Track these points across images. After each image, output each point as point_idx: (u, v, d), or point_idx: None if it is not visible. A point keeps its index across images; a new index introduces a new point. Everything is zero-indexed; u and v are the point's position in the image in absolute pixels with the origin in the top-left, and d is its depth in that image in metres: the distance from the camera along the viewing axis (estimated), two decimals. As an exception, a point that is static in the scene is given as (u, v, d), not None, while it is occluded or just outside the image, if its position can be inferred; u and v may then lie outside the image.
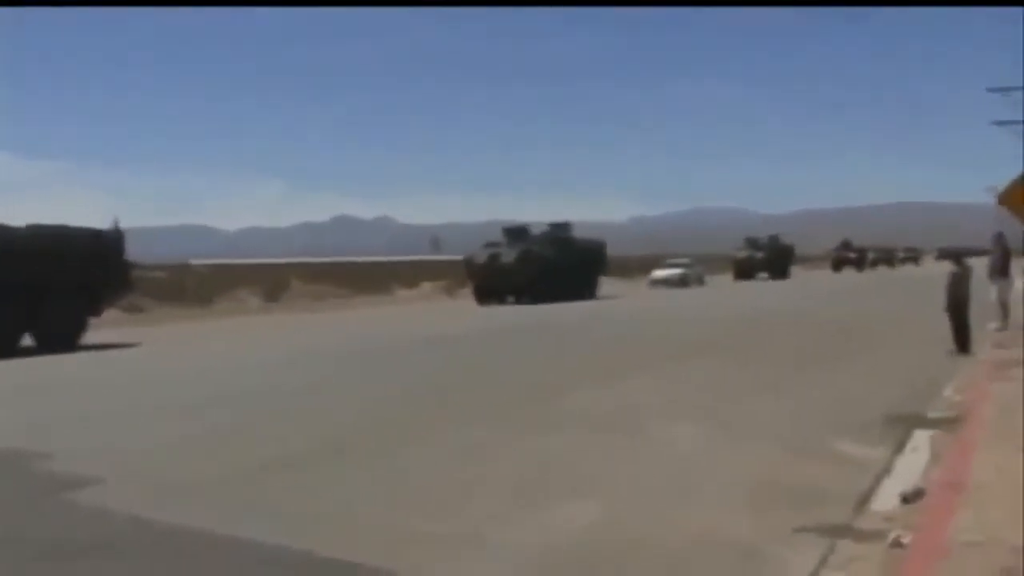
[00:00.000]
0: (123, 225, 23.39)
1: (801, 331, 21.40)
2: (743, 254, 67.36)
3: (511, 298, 37.93)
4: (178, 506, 6.88)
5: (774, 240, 70.08)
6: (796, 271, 75.66)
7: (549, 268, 38.01)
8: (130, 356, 19.92)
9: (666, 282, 52.06)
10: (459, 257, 49.84)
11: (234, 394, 13.02)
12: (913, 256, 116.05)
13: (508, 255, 37.92)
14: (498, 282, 37.96)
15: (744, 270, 65.42)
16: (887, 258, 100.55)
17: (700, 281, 54.56)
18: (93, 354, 20.06)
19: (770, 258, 66.83)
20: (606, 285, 49.26)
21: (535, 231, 41.39)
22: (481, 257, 38.74)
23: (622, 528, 6.24)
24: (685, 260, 59.35)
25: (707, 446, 8.84)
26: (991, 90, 40.67)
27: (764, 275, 64.79)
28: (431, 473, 7.96)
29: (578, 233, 43.09)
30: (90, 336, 22.20)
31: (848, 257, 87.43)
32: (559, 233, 41.49)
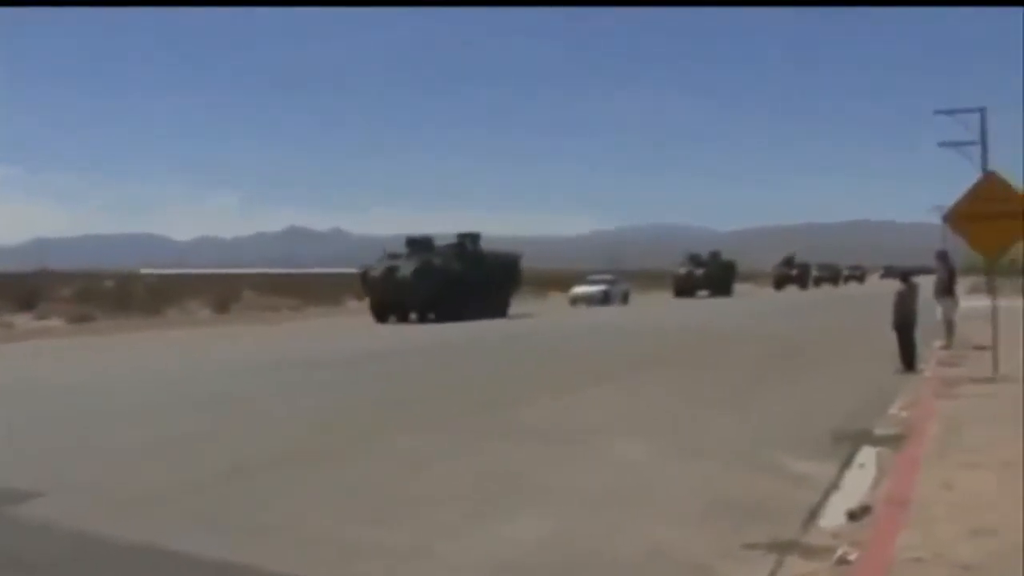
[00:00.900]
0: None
1: (740, 353, 21.56)
2: (683, 270, 65.36)
3: (414, 316, 34.93)
4: (125, 519, 6.76)
5: (715, 256, 68.16)
6: (742, 288, 75.66)
7: (453, 283, 34.94)
8: None
9: (586, 299, 49.17)
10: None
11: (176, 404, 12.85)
12: (858, 274, 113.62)
13: (405, 268, 34.63)
14: (395, 297, 34.60)
15: (684, 287, 63.44)
16: (831, 276, 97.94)
17: (624, 299, 52.09)
18: None
19: (711, 275, 64.96)
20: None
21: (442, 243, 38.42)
22: (377, 270, 35.28)
23: (573, 542, 6.24)
24: (608, 276, 56.51)
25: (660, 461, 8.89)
26: (939, 112, 41.47)
27: (705, 292, 63.11)
28: (382, 485, 7.91)
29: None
30: None
31: (790, 274, 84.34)
32: (467, 245, 38.17)
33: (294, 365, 18.48)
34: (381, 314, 34.86)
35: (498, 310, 37.11)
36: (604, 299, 49.13)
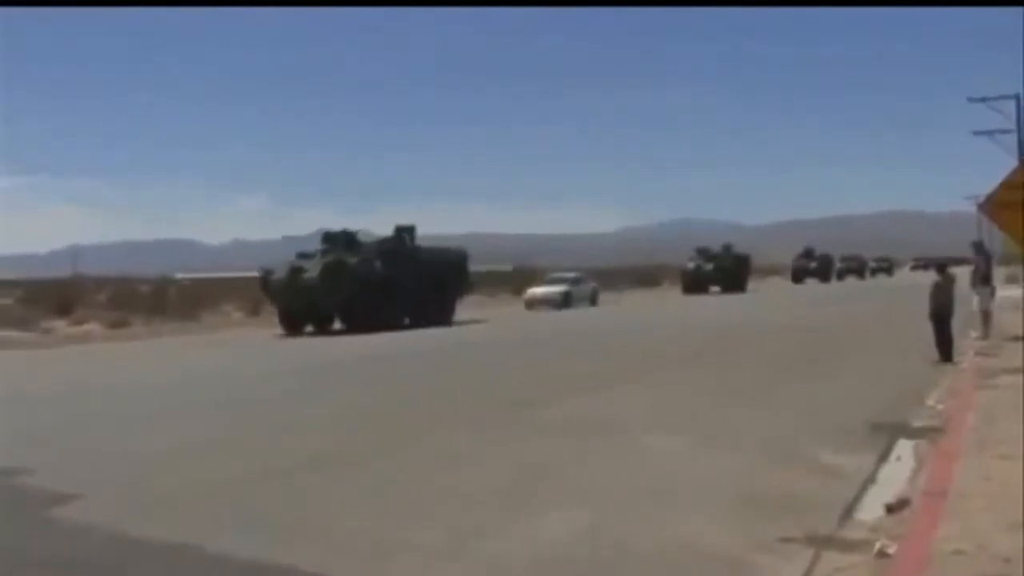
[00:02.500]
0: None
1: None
2: (691, 265, 60.69)
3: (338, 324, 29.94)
4: (161, 519, 6.82)
5: (727, 249, 62.63)
6: (764, 283, 73.58)
7: (375, 285, 29.50)
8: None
9: (545, 302, 43.76)
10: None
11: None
12: (885, 266, 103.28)
13: (313, 269, 29.19)
14: (302, 305, 29.39)
15: (693, 283, 58.53)
16: (856, 268, 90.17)
17: (591, 300, 46.53)
18: None
19: (722, 269, 59.60)
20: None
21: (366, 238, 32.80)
22: (281, 273, 29.91)
23: (607, 537, 6.21)
24: (570, 275, 49.77)
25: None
26: (972, 100, 40.91)
27: (716, 288, 58.22)
28: (415, 482, 7.92)
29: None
30: None
31: (809, 267, 78.77)
32: (400, 241, 32.49)
33: (333, 364, 18.59)
34: (291, 324, 29.74)
35: (440, 316, 31.78)
36: (565, 301, 43.72)
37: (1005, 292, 24.91)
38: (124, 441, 10.45)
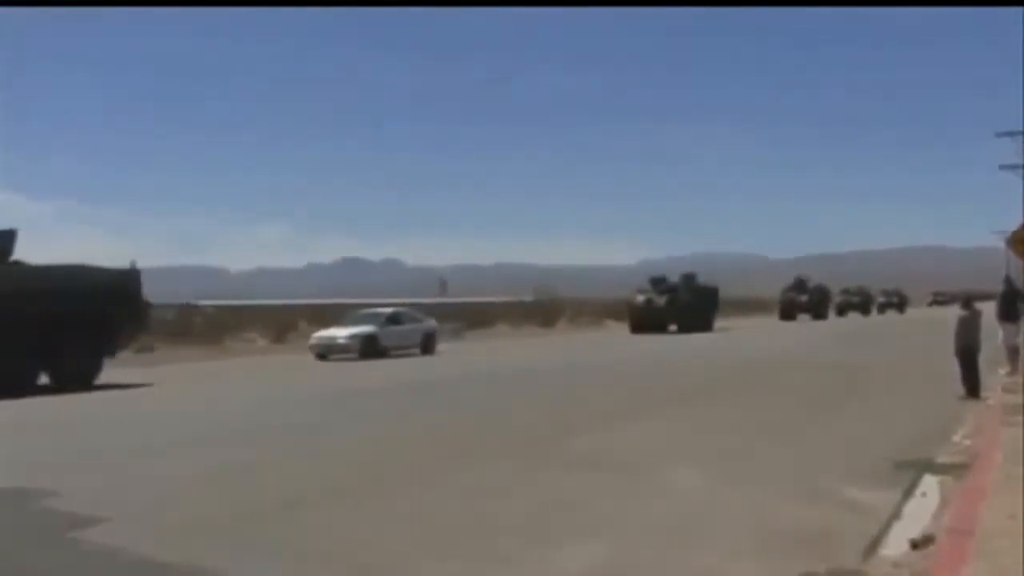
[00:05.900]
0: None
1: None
2: (640, 299, 48.47)
3: None
4: (185, 546, 6.85)
5: (688, 280, 50.83)
6: (758, 318, 68.48)
7: None
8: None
9: (332, 348, 29.92)
10: (467, 299, 48.23)
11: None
12: (895, 301, 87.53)
13: None
14: None
15: (643, 320, 46.99)
16: (860, 303, 77.50)
17: (425, 345, 32.62)
18: None
19: (678, 303, 47.63)
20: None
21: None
22: None
23: (628, 571, 6.19)
24: (387, 310, 33.79)
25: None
26: (1000, 135, 40.82)
27: (673, 327, 47.04)
28: (437, 513, 7.93)
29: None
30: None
31: (799, 301, 66.64)
32: None
33: (355, 394, 18.62)
34: None
35: (59, 374, 20.73)
36: (368, 348, 29.69)
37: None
38: (152, 467, 10.50)
